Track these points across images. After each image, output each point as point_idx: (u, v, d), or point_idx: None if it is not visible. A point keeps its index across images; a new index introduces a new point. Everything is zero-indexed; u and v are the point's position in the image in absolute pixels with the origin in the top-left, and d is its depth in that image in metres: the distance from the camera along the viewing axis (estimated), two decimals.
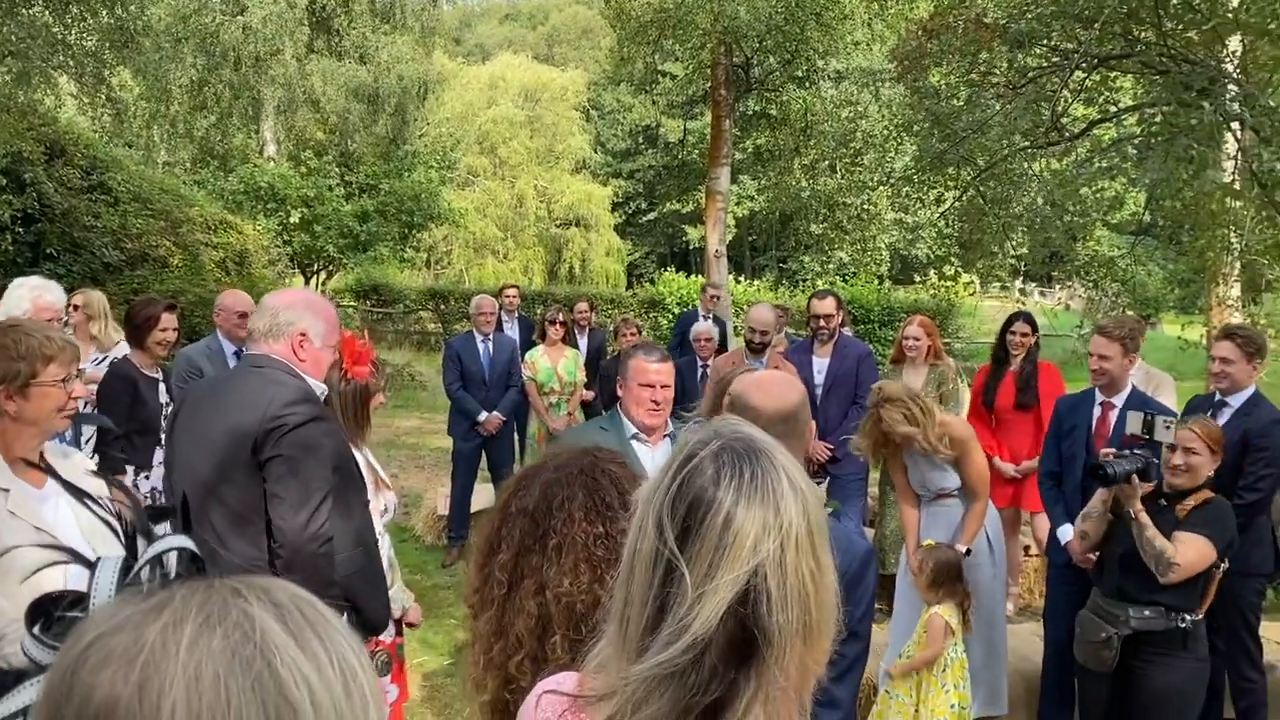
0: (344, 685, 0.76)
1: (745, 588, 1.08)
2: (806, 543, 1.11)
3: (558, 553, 1.57)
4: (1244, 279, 10.98)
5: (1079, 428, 4.89)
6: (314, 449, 2.81)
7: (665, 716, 1.09)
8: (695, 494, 1.13)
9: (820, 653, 1.14)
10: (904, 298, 23.22)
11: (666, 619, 1.11)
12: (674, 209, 34.34)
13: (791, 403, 2.43)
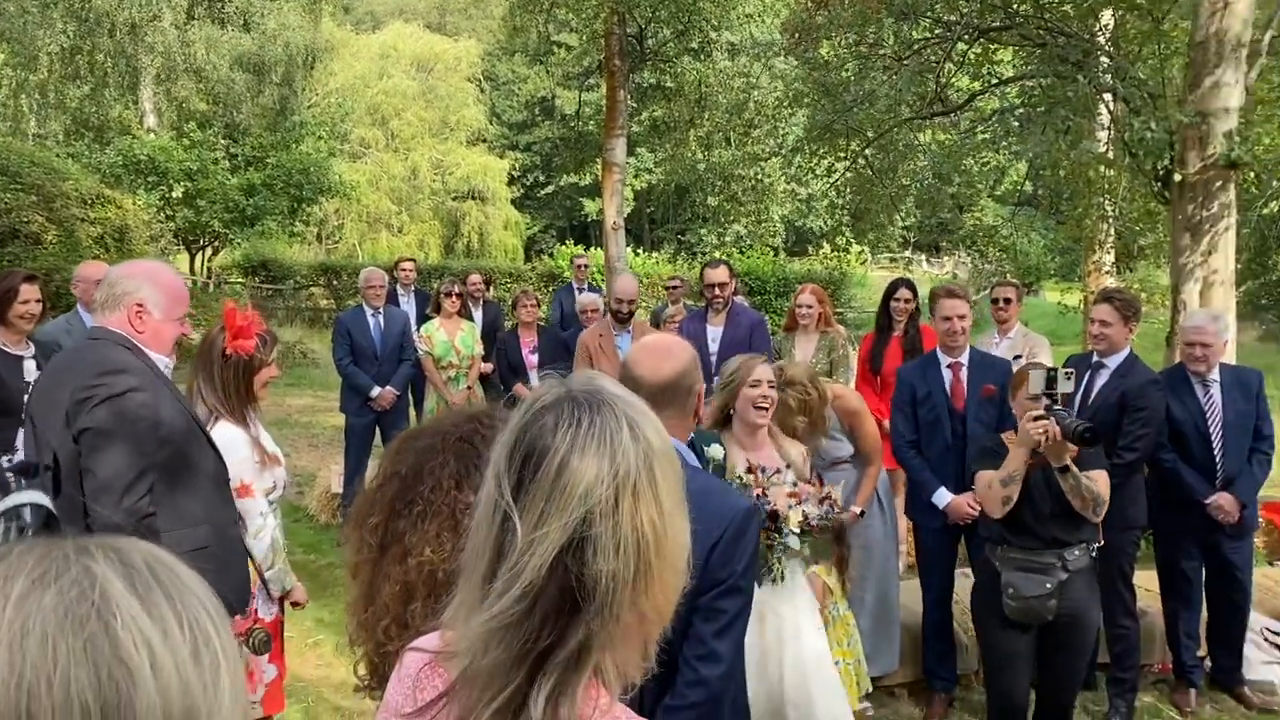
0: (193, 651, 0.72)
1: (575, 535, 1.08)
2: (647, 491, 1.11)
3: (422, 519, 1.55)
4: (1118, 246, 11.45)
5: (934, 393, 5.03)
6: (131, 421, 2.73)
7: (503, 665, 1.09)
8: (530, 442, 1.13)
9: (664, 602, 1.15)
10: (798, 269, 23.61)
11: (501, 569, 1.10)
12: (572, 182, 34.07)
13: (669, 372, 2.45)
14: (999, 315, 6.46)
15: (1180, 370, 5.24)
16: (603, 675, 1.13)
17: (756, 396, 3.80)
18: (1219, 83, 6.80)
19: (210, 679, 0.72)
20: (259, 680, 3.49)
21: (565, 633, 1.08)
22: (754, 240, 23.37)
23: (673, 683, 2.16)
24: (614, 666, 1.14)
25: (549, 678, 1.08)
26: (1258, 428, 5.13)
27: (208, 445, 3.08)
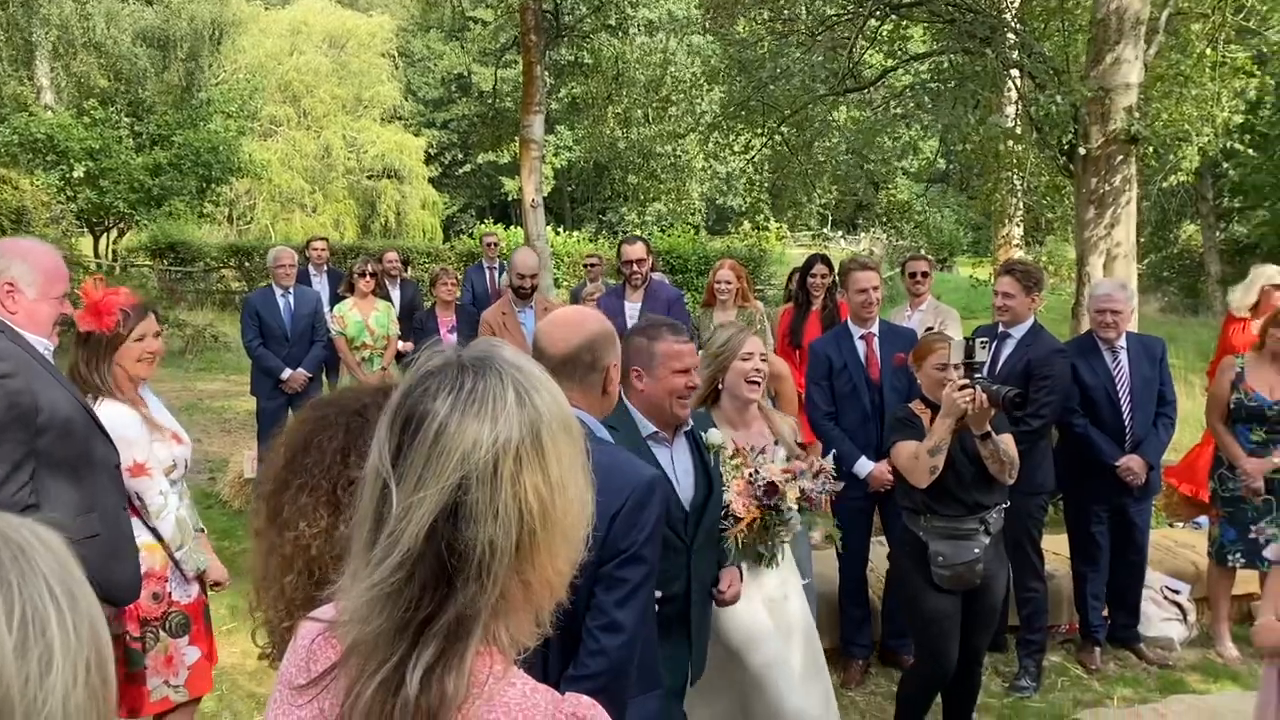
0: (19, 643, 0.68)
1: (451, 500, 1.06)
2: (532, 459, 1.09)
3: (302, 492, 1.52)
4: (1027, 220, 11.72)
5: (850, 364, 5.10)
6: (4, 410, 2.61)
7: (386, 635, 1.07)
8: (411, 407, 1.11)
9: (554, 573, 1.13)
10: (719, 247, 23.67)
11: (380, 536, 1.08)
12: (491, 160, 33.67)
13: (569, 344, 2.43)
14: (913, 289, 6.59)
15: (1090, 338, 5.39)
16: (497, 642, 1.11)
17: (749, 370, 3.74)
18: (1119, 59, 6.99)
19: (37, 673, 0.69)
20: (180, 664, 3.42)
21: (445, 601, 1.06)
22: (674, 219, 23.40)
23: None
24: (507, 634, 1.12)
25: (428, 647, 1.06)
26: (1161, 393, 5.32)
27: (97, 430, 2.96)
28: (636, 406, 3.04)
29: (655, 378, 2.99)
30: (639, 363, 3.02)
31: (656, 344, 3.01)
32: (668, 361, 2.98)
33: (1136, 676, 5.26)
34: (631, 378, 3.03)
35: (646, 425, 3.03)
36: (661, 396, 3.00)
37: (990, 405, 3.85)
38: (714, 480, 3.20)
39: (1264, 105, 15.34)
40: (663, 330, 3.07)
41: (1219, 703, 4.21)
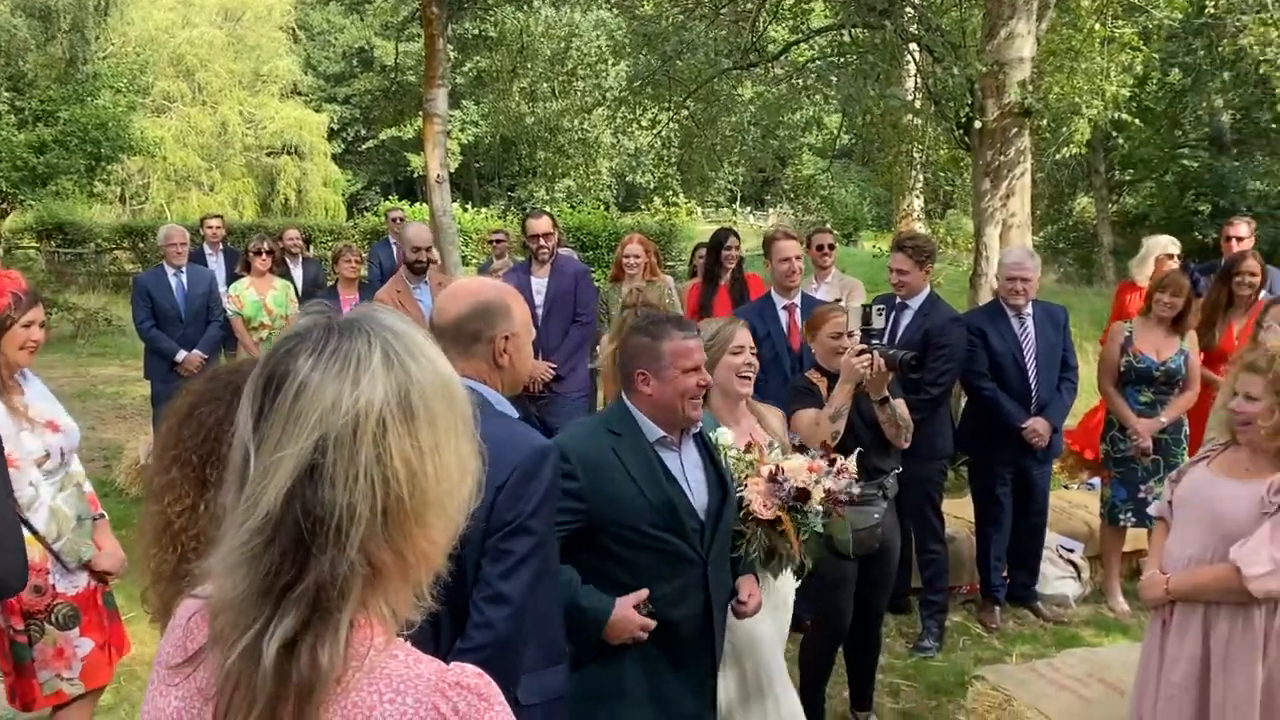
0: None
1: (308, 462, 1.03)
2: (399, 424, 1.06)
3: (174, 465, 1.47)
4: (926, 192, 11.96)
5: (773, 333, 5.16)
6: None
7: (249, 601, 1.04)
8: (274, 368, 1.08)
9: (429, 545, 1.10)
10: (629, 223, 23.65)
11: (241, 499, 1.05)
12: (395, 136, 32.95)
13: (454, 313, 2.38)
14: (820, 261, 6.68)
15: (998, 305, 5.54)
16: (377, 614, 1.09)
17: (740, 365, 3.54)
18: (1013, 33, 7.14)
19: None
20: (72, 657, 3.35)
21: (305, 567, 1.03)
22: (584, 195, 23.27)
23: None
24: (387, 605, 1.09)
25: (288, 615, 1.02)
26: (1064, 358, 5.51)
27: None
28: (643, 410, 2.85)
29: (664, 379, 2.81)
30: (644, 364, 2.83)
31: (663, 343, 2.81)
32: (677, 361, 2.80)
33: (1034, 633, 5.44)
34: (637, 381, 2.85)
35: (653, 429, 2.84)
36: (672, 399, 2.81)
37: (888, 369, 3.93)
38: (728, 484, 3.00)
39: (1150, 80, 15.91)
40: (667, 327, 2.86)
41: (1110, 654, 4.37)
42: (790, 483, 3.09)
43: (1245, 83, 14.85)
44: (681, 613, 2.80)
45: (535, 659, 2.29)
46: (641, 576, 2.74)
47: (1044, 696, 3.91)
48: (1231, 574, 2.98)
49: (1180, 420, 5.51)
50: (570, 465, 2.65)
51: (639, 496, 2.74)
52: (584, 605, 2.66)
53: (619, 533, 2.73)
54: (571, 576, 2.67)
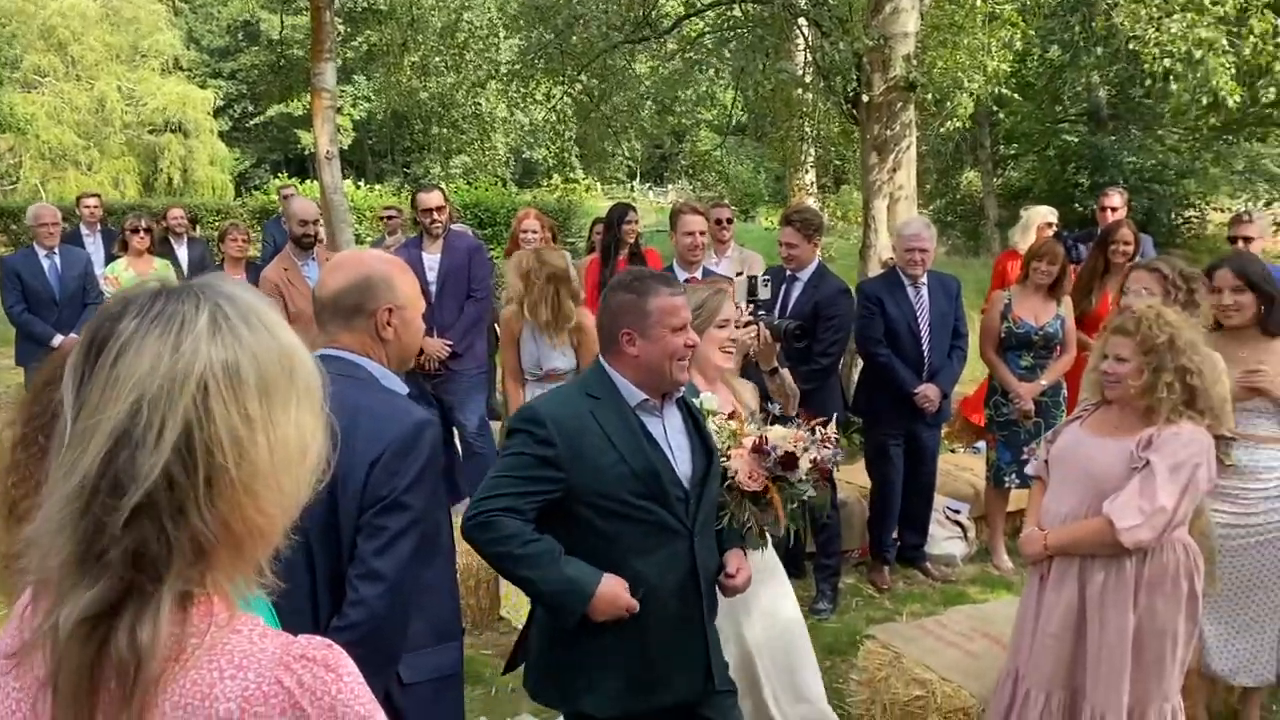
0: None
1: (124, 426, 1.00)
2: (226, 390, 1.03)
3: (19, 444, 1.40)
4: (818, 167, 12.14)
5: None
6: None
7: (64, 573, 1.00)
8: (98, 330, 1.05)
9: (262, 520, 1.07)
10: (527, 200, 23.47)
11: (60, 467, 1.02)
12: (284, 112, 31.97)
13: (334, 285, 2.34)
14: (719, 235, 6.72)
15: (895, 274, 5.67)
16: (217, 589, 1.06)
17: (724, 339, 3.48)
18: (898, 8, 7.28)
19: None
20: None
21: (118, 537, 0.99)
22: (480, 171, 22.97)
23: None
24: (226, 580, 1.07)
25: (93, 587, 0.99)
26: (956, 327, 5.68)
27: None
28: (626, 372, 2.68)
29: (650, 339, 2.64)
30: (629, 323, 2.65)
31: (649, 299, 2.65)
32: (664, 319, 2.64)
33: (923, 592, 5.62)
34: (622, 341, 2.66)
35: (634, 393, 2.68)
36: (660, 359, 2.65)
37: (775, 340, 3.99)
38: (713, 450, 2.86)
39: (1031, 57, 16.40)
40: (653, 284, 2.70)
41: (993, 610, 4.54)
42: (778, 450, 2.96)
43: (1119, 59, 15.42)
44: (668, 586, 2.64)
45: (423, 636, 2.26)
46: (624, 549, 2.60)
47: (931, 652, 4.05)
48: (1104, 527, 3.11)
49: (1059, 383, 5.74)
50: (546, 430, 2.56)
51: (620, 463, 2.58)
52: (570, 575, 2.51)
53: (599, 503, 2.58)
54: (553, 546, 2.54)
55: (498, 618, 5.19)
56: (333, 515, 2.11)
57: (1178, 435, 3.10)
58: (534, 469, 2.56)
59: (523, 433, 2.61)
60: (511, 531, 2.51)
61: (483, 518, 2.53)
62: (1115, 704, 3.17)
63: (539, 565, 2.51)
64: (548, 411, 2.63)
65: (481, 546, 2.58)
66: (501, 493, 2.55)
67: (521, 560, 2.52)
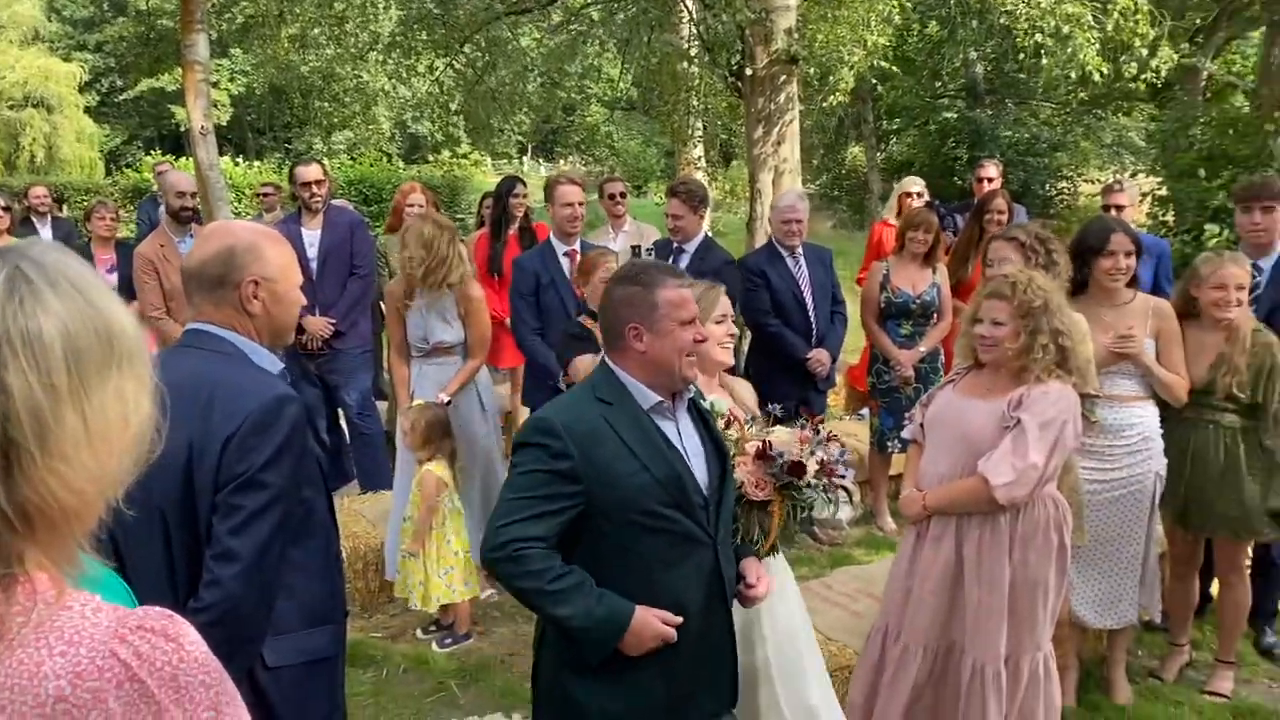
0: None
1: None
2: (20, 358, 0.97)
3: None
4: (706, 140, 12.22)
5: (556, 279, 5.17)
6: None
7: None
8: None
9: (68, 492, 1.00)
10: (413, 175, 23.04)
11: None
12: (156, 87, 30.60)
13: (198, 257, 2.27)
14: (613, 210, 6.72)
15: (772, 247, 5.76)
16: (42, 567, 1.01)
17: (722, 334, 3.35)
18: None
19: None
20: None
21: None
22: (365, 146, 22.45)
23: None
24: (48, 557, 1.01)
25: None
26: (834, 294, 5.81)
27: None
28: (634, 371, 2.48)
29: (659, 333, 2.44)
30: (636, 317, 2.45)
31: (656, 291, 2.45)
32: (672, 312, 2.45)
33: (811, 556, 5.74)
34: (629, 337, 2.46)
35: (648, 395, 2.47)
36: (669, 356, 2.45)
37: None
38: (727, 455, 2.67)
39: (911, 32, 16.76)
40: (660, 275, 2.51)
41: (876, 570, 4.67)
42: (784, 458, 2.80)
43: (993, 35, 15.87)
44: (695, 600, 2.45)
45: (293, 619, 2.20)
46: (649, 563, 2.40)
47: (817, 613, 4.14)
48: (979, 485, 3.22)
49: (937, 349, 5.91)
50: (561, 441, 2.35)
51: (641, 471, 2.38)
52: (602, 614, 2.33)
53: (621, 515, 2.37)
54: (583, 579, 2.34)
55: (388, 599, 5.11)
56: (189, 494, 2.04)
57: (1046, 394, 3.22)
58: (552, 486, 2.35)
59: (535, 446, 2.39)
60: (540, 566, 2.32)
61: (507, 550, 2.32)
62: (994, 654, 3.31)
63: (571, 602, 2.32)
64: (560, 419, 2.41)
65: (508, 581, 2.39)
66: (521, 518, 2.33)
67: (553, 597, 2.32)
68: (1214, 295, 3.98)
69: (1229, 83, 16.41)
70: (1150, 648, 4.63)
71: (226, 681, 1.07)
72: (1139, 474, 3.98)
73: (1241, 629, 4.36)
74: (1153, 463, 4.00)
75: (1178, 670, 4.40)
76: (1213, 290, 3.99)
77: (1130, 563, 4.03)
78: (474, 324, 4.87)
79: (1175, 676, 4.37)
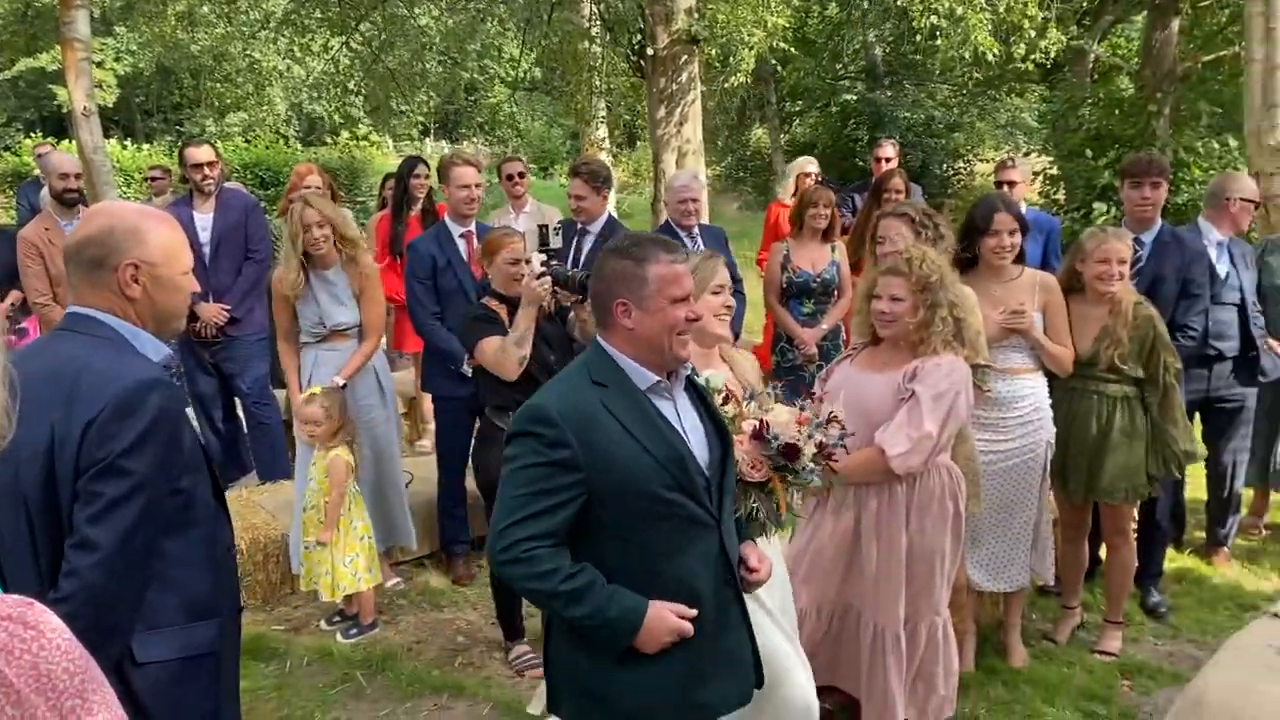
0: None
1: None
2: None
3: None
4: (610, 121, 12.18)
5: (453, 262, 5.09)
6: None
7: None
8: None
9: None
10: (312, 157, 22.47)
11: None
12: (36, 67, 29.29)
13: (74, 238, 2.19)
14: (512, 191, 6.64)
15: (668, 227, 5.74)
16: None
17: (719, 305, 3.27)
18: None
19: None
20: None
21: None
22: (259, 128, 21.80)
23: None
24: None
25: None
26: (730, 274, 5.80)
27: None
28: (624, 350, 2.40)
29: (648, 310, 2.36)
30: (625, 293, 2.37)
31: (647, 266, 2.37)
32: (664, 289, 2.36)
33: None
34: (616, 314, 2.38)
35: (644, 375, 2.39)
36: (658, 334, 2.36)
37: (566, 290, 3.98)
38: (727, 434, 2.58)
39: (811, 14, 16.96)
40: (652, 249, 2.41)
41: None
42: (780, 440, 2.74)
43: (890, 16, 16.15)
44: (705, 586, 2.38)
45: (171, 612, 2.13)
46: (655, 553, 2.33)
47: None
48: (876, 455, 3.30)
49: (839, 327, 6.00)
50: (558, 430, 2.25)
51: (642, 454, 2.30)
52: (615, 614, 2.26)
53: (622, 502, 2.29)
54: (594, 577, 2.27)
55: (291, 591, 5.01)
56: (50, 481, 1.96)
57: (939, 367, 3.31)
58: (553, 478, 2.26)
59: (530, 436, 2.29)
60: (549, 566, 2.25)
61: (515, 552, 2.24)
62: (894, 619, 3.41)
63: (584, 601, 2.25)
64: (557, 406, 2.31)
65: (518, 583, 2.33)
66: (526, 516, 2.25)
67: (564, 599, 2.25)
68: (1098, 269, 4.12)
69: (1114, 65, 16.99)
70: (1044, 611, 4.80)
71: (93, 668, 1.03)
72: (1031, 443, 4.11)
73: (1128, 590, 4.54)
74: (1043, 432, 4.13)
75: (1070, 632, 4.56)
76: (1097, 264, 4.12)
77: (1023, 529, 4.17)
78: (369, 302, 4.78)
79: (1067, 638, 4.53)
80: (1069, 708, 3.87)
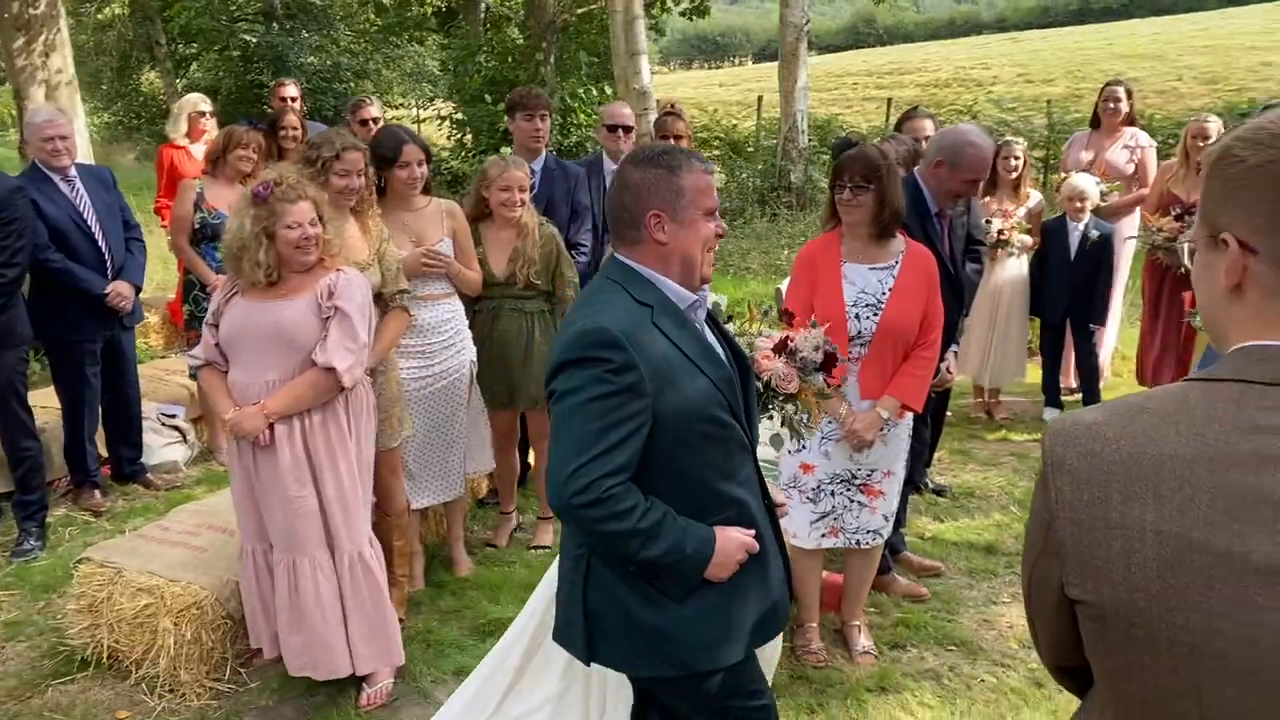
0: None
1: None
2: None
3: None
4: None
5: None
6: None
7: None
8: None
9: None
10: None
11: None
12: None
13: None
14: None
15: (36, 170, 5.01)
16: None
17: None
18: None
19: None
20: None
21: None
22: None
23: None
24: None
25: None
26: (125, 219, 5.26)
27: None
28: (654, 267, 2.18)
29: (683, 223, 2.16)
30: (660, 203, 2.14)
31: (682, 175, 2.15)
32: (699, 200, 2.17)
33: (147, 504, 5.34)
34: (650, 225, 2.14)
35: (683, 294, 2.19)
36: (692, 247, 2.18)
37: None
38: (743, 355, 2.42)
39: None
40: (684, 157, 2.19)
41: (216, 502, 4.46)
42: (817, 353, 2.84)
43: None
44: (756, 508, 2.29)
45: None
46: (714, 477, 2.18)
47: (155, 557, 3.86)
48: (323, 375, 3.23)
49: None
50: (625, 353, 2.00)
51: (699, 376, 2.12)
52: (691, 547, 2.10)
53: (686, 426, 2.10)
54: (665, 510, 2.09)
55: None
56: None
57: (350, 281, 3.35)
58: (625, 405, 2.02)
59: (595, 362, 2.02)
60: (628, 504, 2.03)
61: (594, 492, 1.99)
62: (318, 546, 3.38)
63: (662, 537, 2.06)
64: (618, 327, 2.04)
65: (594, 527, 2.04)
66: (600, 452, 2.00)
67: (644, 536, 2.04)
68: (502, 196, 4.40)
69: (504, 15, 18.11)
70: (483, 522, 5.11)
71: None
72: (455, 365, 4.32)
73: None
74: (466, 354, 4.36)
75: (509, 535, 4.91)
76: (500, 192, 4.40)
77: (456, 442, 4.38)
78: None
79: (507, 541, 4.87)
80: (512, 601, 4.16)
